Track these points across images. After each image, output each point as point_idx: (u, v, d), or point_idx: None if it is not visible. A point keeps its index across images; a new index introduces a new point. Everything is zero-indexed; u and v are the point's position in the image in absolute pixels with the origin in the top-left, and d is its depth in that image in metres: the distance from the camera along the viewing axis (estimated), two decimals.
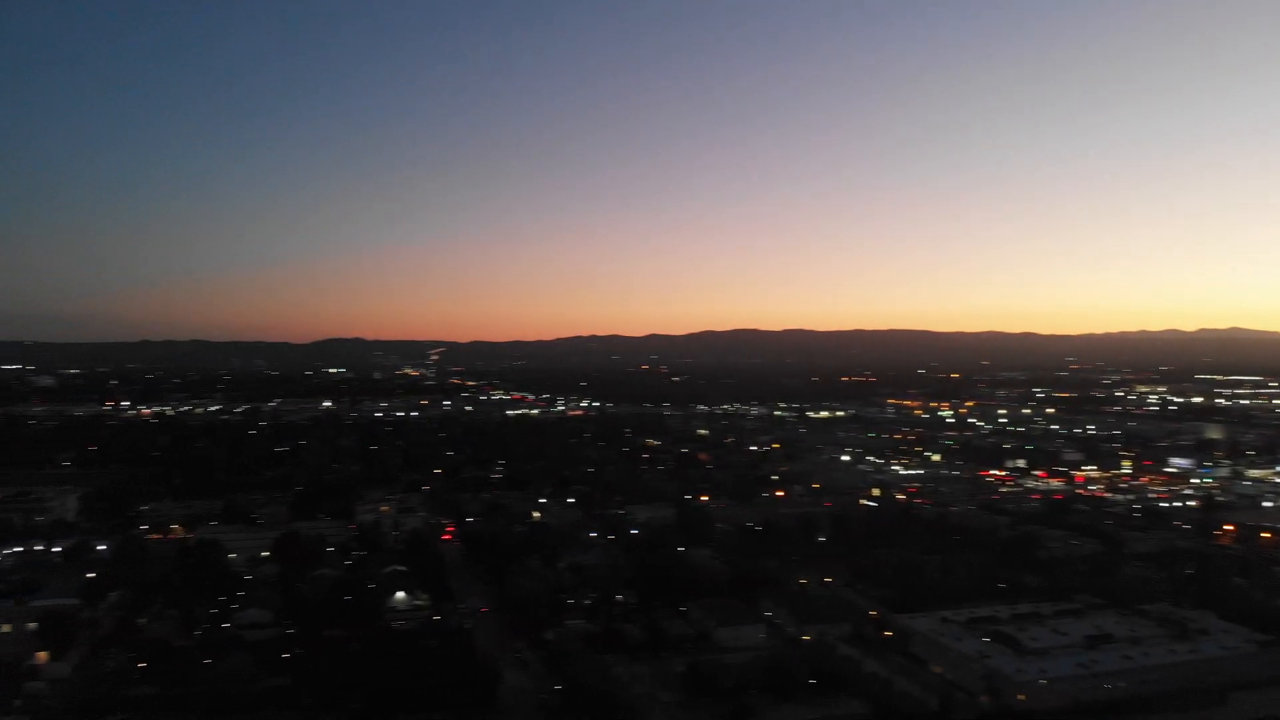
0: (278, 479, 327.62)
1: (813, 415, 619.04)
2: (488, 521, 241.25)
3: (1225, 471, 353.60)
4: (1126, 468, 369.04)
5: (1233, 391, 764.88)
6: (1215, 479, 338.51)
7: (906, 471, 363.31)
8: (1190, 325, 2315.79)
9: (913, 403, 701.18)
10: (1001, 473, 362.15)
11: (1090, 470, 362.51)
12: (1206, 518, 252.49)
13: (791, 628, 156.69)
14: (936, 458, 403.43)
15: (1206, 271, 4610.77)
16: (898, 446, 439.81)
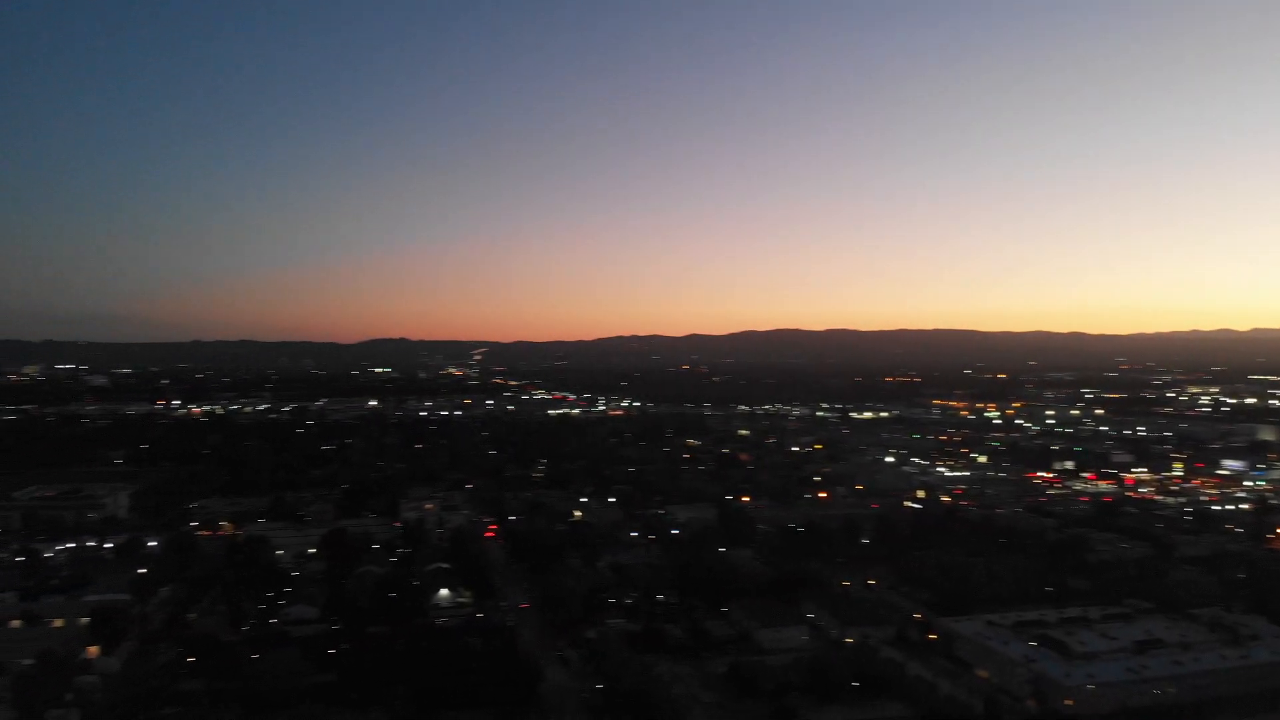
0: (324, 477, 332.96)
1: (856, 416, 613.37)
2: (530, 520, 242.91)
3: (1279, 474, 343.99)
4: (1177, 470, 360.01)
5: None
6: (1269, 481, 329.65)
7: (952, 473, 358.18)
8: (1244, 325, 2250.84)
9: (958, 404, 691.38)
10: (1049, 475, 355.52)
11: (1140, 472, 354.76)
12: (1259, 521, 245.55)
13: (834, 629, 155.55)
14: (983, 459, 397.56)
15: (1261, 270, 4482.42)
16: (943, 448, 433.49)
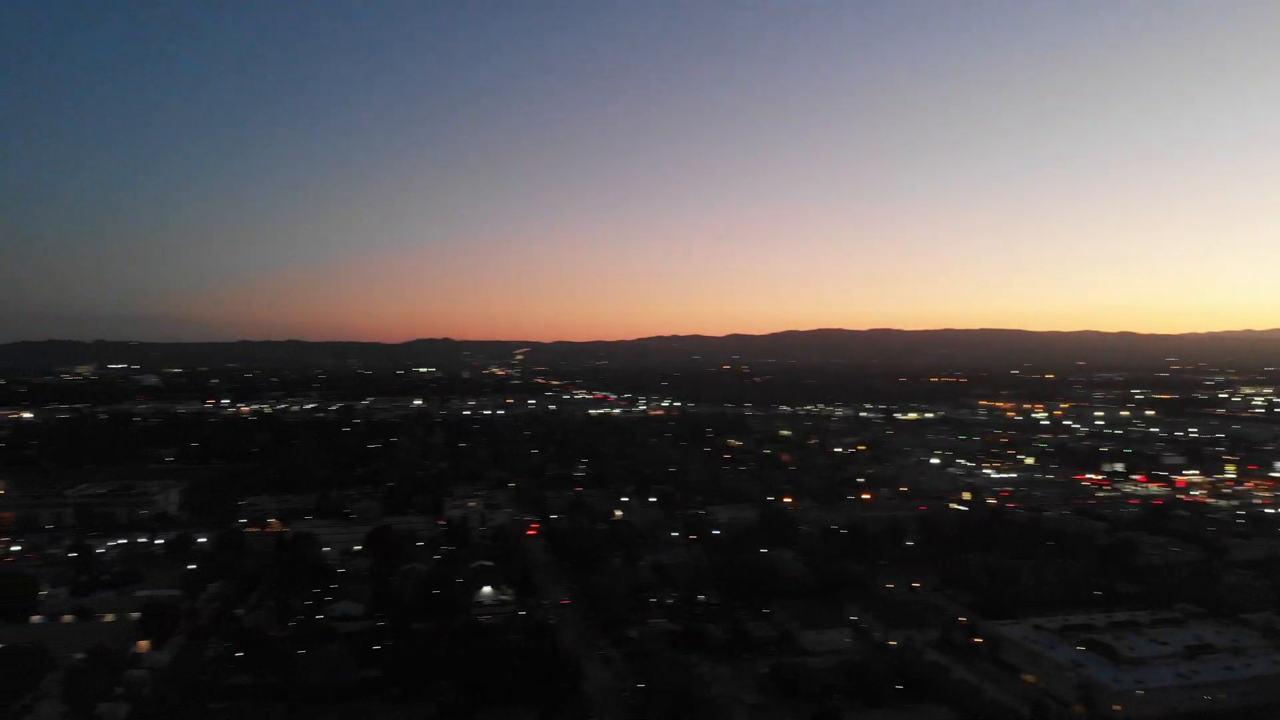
0: (370, 475, 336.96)
1: (900, 417, 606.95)
2: (571, 519, 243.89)
3: None
4: (1230, 472, 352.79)
5: None
6: None
7: (998, 475, 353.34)
8: None
9: (1005, 404, 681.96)
10: (1098, 477, 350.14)
11: (1192, 475, 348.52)
12: None
13: (878, 632, 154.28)
14: (1030, 461, 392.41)
15: None
16: (989, 449, 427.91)
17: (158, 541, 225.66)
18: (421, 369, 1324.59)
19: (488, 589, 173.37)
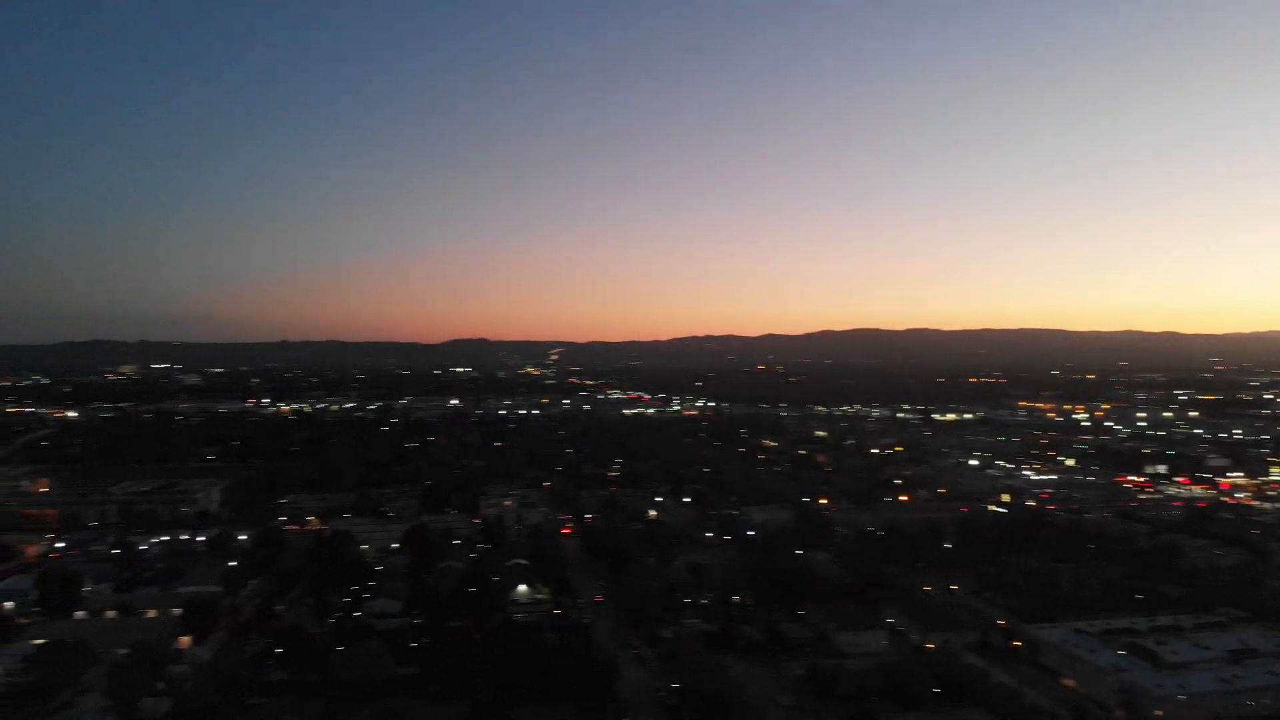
0: (407, 474, 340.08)
1: (938, 417, 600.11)
2: (605, 518, 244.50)
3: None
4: (1275, 474, 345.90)
5: None
6: None
7: (1038, 477, 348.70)
8: None
9: (1045, 405, 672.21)
10: (1140, 479, 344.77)
11: (1236, 477, 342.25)
12: None
13: (915, 634, 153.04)
14: (1071, 462, 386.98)
15: None
16: (1029, 451, 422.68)
17: (199, 539, 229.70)
18: (458, 369, 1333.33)
19: (523, 587, 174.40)
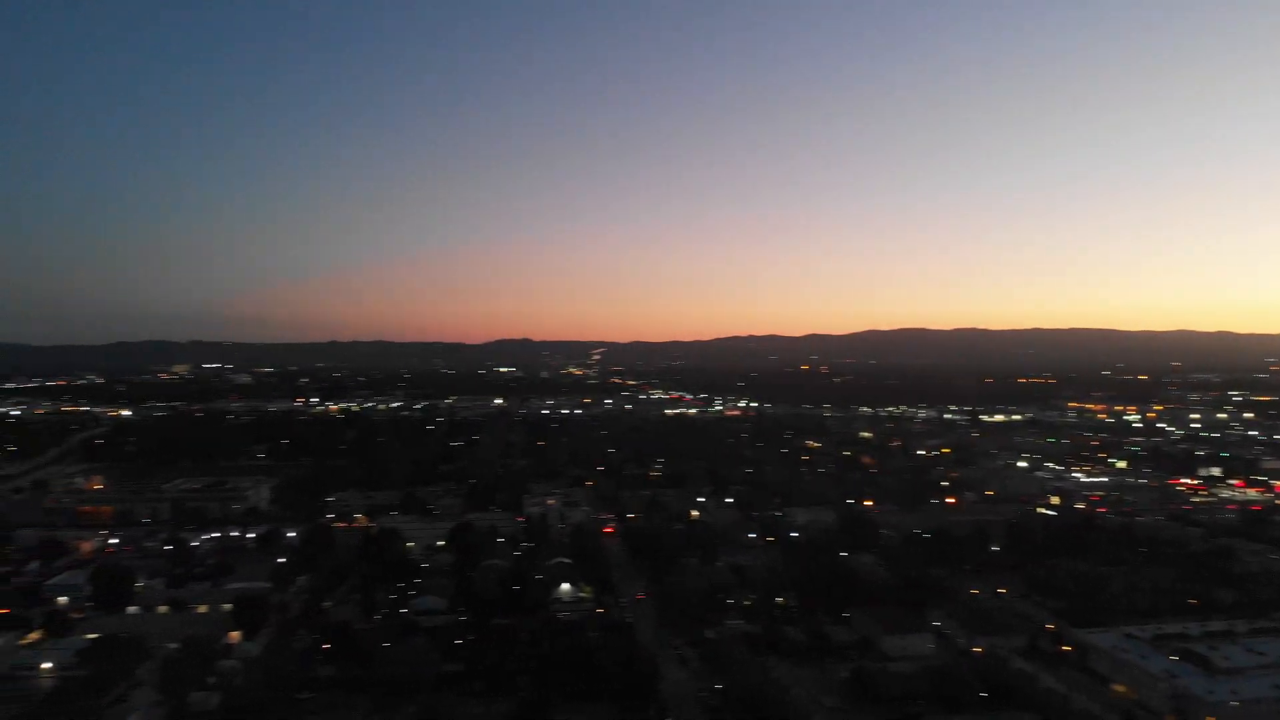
0: (453, 472, 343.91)
1: (986, 419, 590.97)
2: (647, 518, 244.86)
3: None
4: None
5: None
6: None
7: (1088, 479, 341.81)
8: None
9: (1096, 406, 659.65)
10: (1193, 481, 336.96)
11: None
12: None
13: (961, 638, 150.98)
14: (1122, 465, 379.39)
15: None
16: (1079, 452, 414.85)
17: (249, 536, 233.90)
18: (502, 369, 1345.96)
19: (566, 586, 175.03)
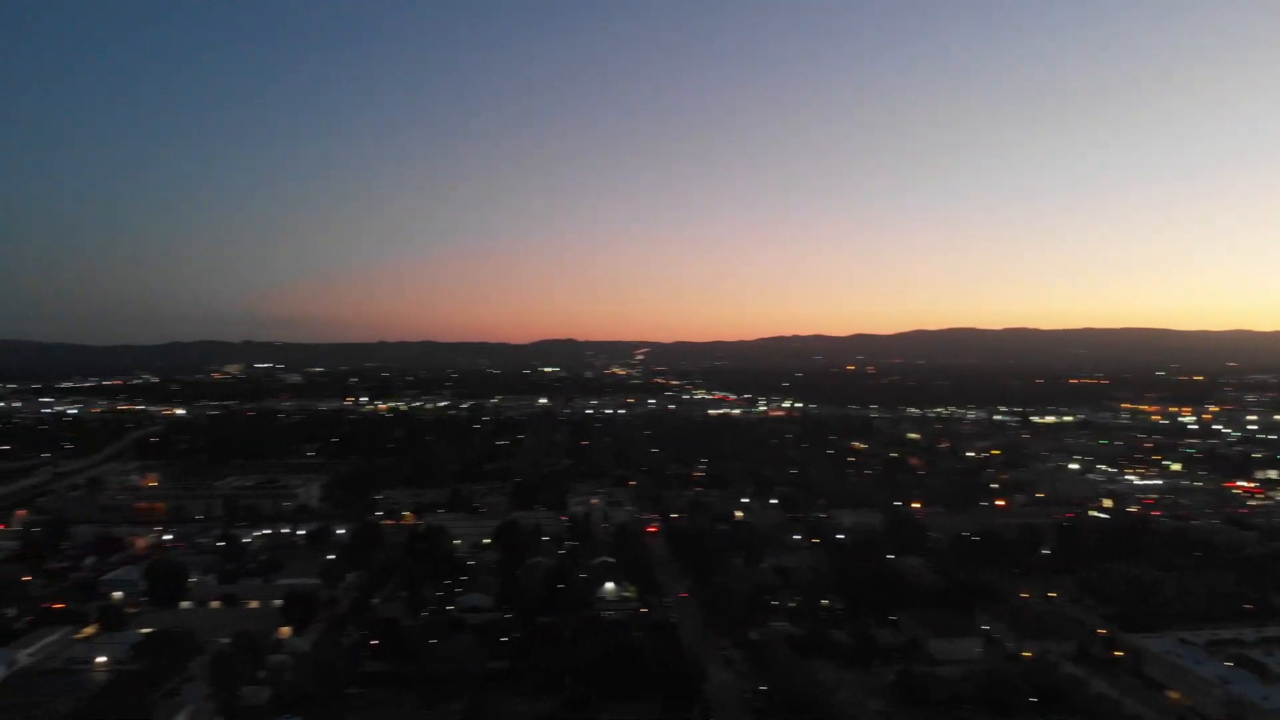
0: (498, 471, 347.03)
1: (1037, 420, 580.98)
2: (691, 518, 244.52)
3: None
4: None
5: None
6: None
7: (1142, 481, 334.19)
8: None
9: (1150, 407, 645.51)
10: (1250, 484, 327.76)
11: None
12: None
13: (1011, 642, 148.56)
14: (1176, 467, 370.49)
15: None
16: (1132, 454, 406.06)
17: (299, 532, 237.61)
18: (546, 369, 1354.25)
19: (610, 585, 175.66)
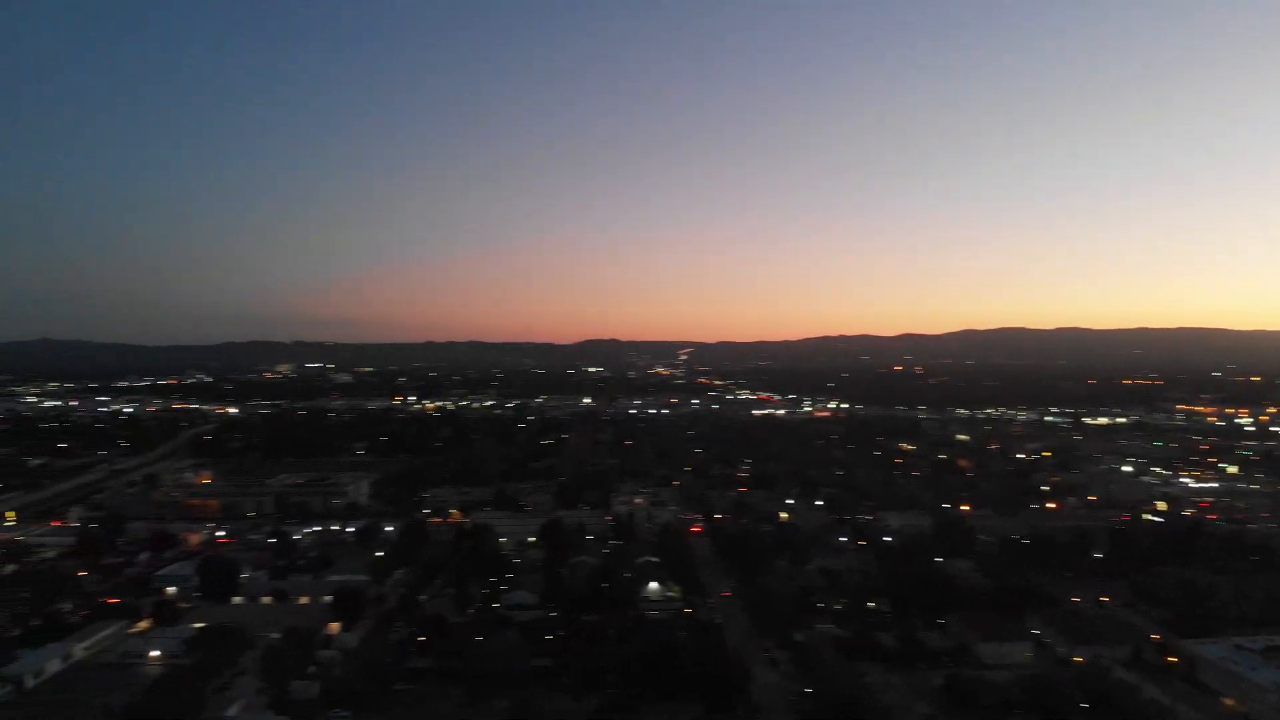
0: (543, 470, 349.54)
1: (1089, 422, 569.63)
2: (735, 519, 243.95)
3: None
4: None
5: None
6: None
7: (1197, 484, 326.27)
8: None
9: (1206, 409, 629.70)
10: None
11: None
12: None
13: (1061, 647, 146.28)
14: (1233, 469, 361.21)
15: None
16: (1188, 456, 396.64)
17: (348, 529, 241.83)
18: (590, 369, 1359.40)
19: (654, 585, 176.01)
